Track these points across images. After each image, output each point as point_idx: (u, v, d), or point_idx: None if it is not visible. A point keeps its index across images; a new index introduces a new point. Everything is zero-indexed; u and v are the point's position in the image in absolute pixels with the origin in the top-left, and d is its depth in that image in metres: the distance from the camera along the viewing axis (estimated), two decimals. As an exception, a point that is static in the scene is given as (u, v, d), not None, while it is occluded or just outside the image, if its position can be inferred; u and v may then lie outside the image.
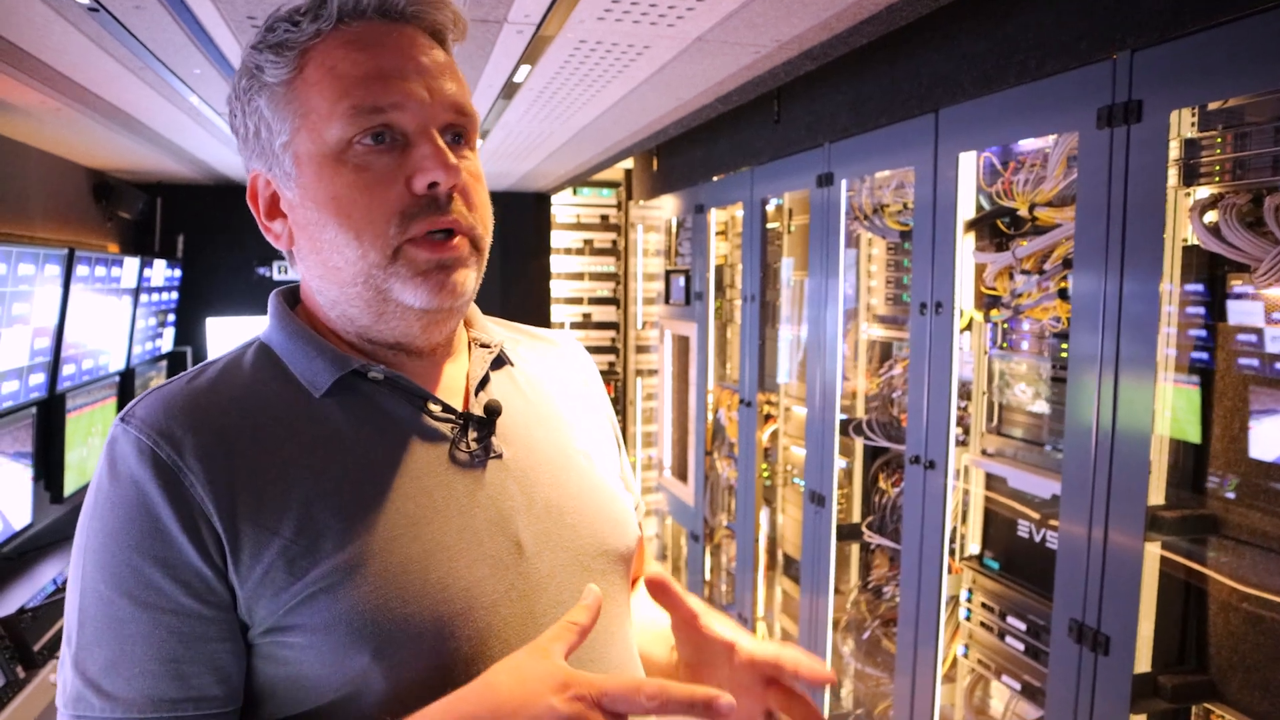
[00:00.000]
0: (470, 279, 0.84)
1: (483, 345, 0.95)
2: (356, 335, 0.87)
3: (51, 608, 2.75)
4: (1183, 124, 1.69)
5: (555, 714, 0.66)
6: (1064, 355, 2.09)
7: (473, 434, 0.87)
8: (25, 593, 2.77)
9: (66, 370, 3.46)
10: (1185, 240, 1.71)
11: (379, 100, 0.79)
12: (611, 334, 5.62)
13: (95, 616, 0.74)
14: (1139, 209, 1.66)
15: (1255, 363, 1.61)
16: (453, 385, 0.91)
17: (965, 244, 2.24)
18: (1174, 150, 1.69)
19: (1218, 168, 1.65)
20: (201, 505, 0.75)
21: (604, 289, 5.64)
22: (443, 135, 0.82)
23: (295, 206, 0.84)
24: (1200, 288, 1.71)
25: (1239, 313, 1.64)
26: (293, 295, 0.93)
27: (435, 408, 0.86)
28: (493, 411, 0.88)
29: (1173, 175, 1.70)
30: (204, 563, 0.74)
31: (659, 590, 0.86)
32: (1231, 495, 1.67)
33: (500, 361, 0.96)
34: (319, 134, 0.81)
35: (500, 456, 0.87)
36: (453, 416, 0.87)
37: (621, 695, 0.67)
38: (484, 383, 0.92)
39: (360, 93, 0.79)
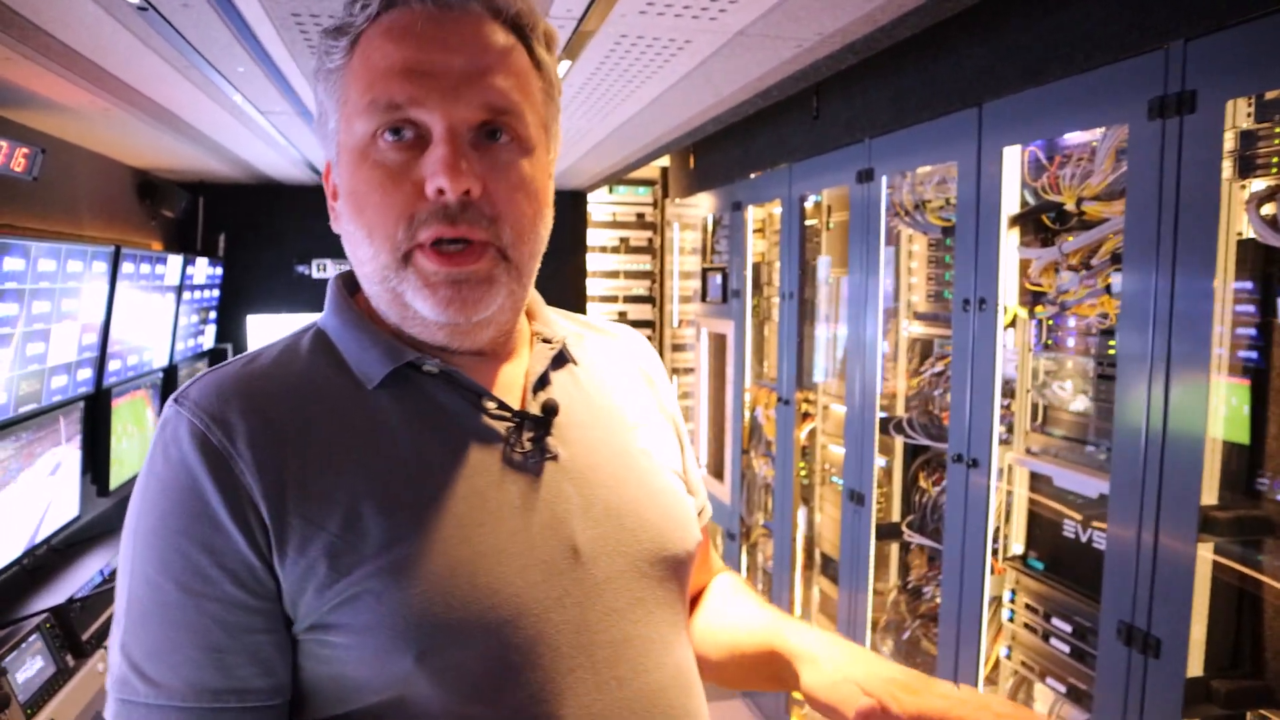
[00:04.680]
0: (493, 295, 0.80)
1: (545, 340, 0.92)
2: (395, 329, 0.84)
3: (99, 598, 2.80)
4: (1238, 115, 1.65)
5: None
6: (1111, 353, 2.05)
7: (528, 434, 0.84)
8: (74, 583, 2.82)
9: (112, 366, 3.52)
10: (1240, 234, 1.67)
11: (397, 96, 0.76)
12: (647, 332, 5.62)
13: (141, 599, 0.73)
14: (1192, 202, 1.63)
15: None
16: (510, 382, 0.88)
17: (1009, 240, 2.21)
18: (1228, 141, 1.65)
19: (1276, 159, 1.61)
20: (250, 493, 0.73)
21: (640, 287, 5.65)
22: (475, 134, 0.78)
23: (338, 194, 0.83)
24: (1251, 284, 1.67)
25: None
26: (354, 279, 0.89)
27: (491, 404, 0.84)
28: (549, 411, 0.85)
29: (1227, 167, 1.66)
30: (251, 551, 0.73)
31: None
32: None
33: (562, 358, 0.92)
34: (350, 125, 0.79)
35: (556, 458, 0.84)
36: (508, 414, 0.84)
37: None
38: (543, 381, 0.89)
39: (383, 87, 0.76)
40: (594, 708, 0.78)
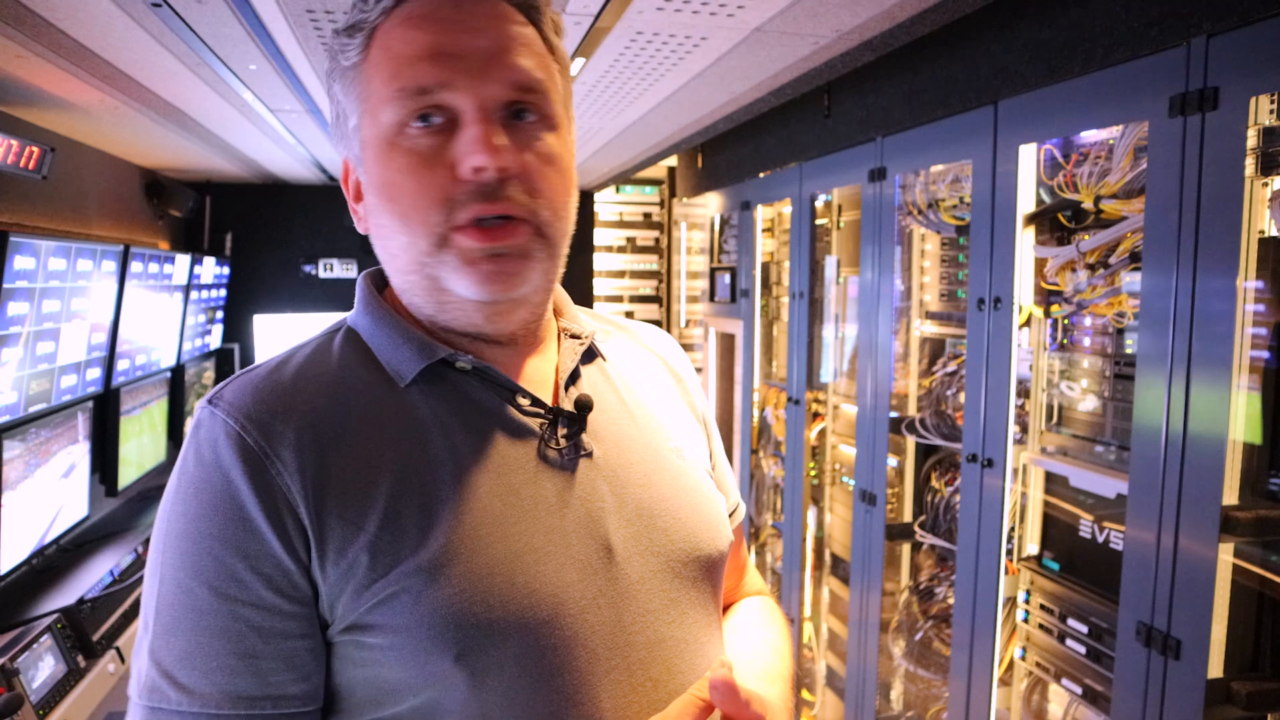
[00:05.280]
0: (531, 271, 0.80)
1: (573, 336, 0.91)
2: (428, 322, 0.84)
3: (110, 598, 2.78)
4: (1260, 112, 1.64)
5: None
6: (1129, 352, 2.04)
7: (562, 430, 0.83)
8: (83, 584, 2.80)
9: (121, 365, 3.51)
10: (1262, 232, 1.66)
11: (425, 81, 0.76)
12: (654, 332, 5.61)
13: (173, 604, 0.72)
14: (1214, 200, 1.61)
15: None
16: (541, 378, 0.87)
17: (1025, 238, 2.19)
18: (1251, 139, 1.64)
19: (1298, 157, 1.59)
20: (287, 495, 0.72)
21: (646, 287, 5.63)
22: (503, 114, 0.78)
23: (365, 191, 0.83)
24: (1261, 284, 1.65)
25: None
26: (382, 277, 0.89)
27: (524, 401, 0.83)
28: (584, 407, 0.84)
29: (1249, 165, 1.64)
30: (287, 555, 0.71)
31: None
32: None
33: (591, 354, 0.92)
34: (376, 118, 0.79)
35: (590, 455, 0.83)
36: (542, 411, 0.83)
37: None
38: (574, 376, 0.88)
39: (409, 73, 0.76)
40: (629, 710, 0.77)
